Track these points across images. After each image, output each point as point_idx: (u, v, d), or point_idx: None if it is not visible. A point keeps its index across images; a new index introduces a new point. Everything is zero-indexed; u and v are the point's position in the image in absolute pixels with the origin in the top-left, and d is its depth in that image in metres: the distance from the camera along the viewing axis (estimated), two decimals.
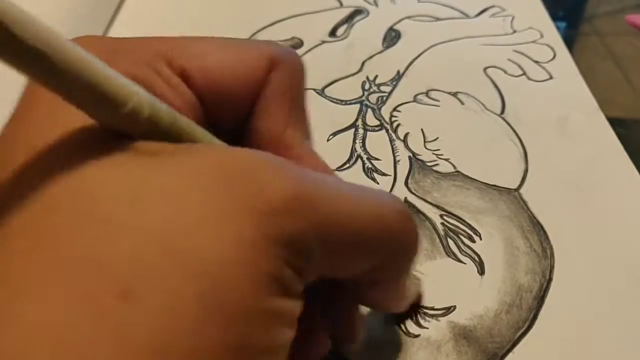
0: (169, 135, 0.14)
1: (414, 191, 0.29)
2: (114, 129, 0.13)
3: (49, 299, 0.11)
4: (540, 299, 0.24)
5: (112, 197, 0.12)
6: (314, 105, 0.34)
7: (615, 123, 0.33)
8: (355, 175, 0.30)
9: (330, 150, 0.31)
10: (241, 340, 0.12)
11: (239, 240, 0.12)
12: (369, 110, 0.34)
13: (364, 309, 0.20)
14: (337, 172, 0.30)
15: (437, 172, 0.30)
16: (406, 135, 0.32)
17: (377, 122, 0.33)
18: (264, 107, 0.17)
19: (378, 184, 0.29)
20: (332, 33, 0.40)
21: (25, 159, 0.13)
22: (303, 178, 0.13)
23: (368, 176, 0.30)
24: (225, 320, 0.12)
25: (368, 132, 0.32)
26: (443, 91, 0.35)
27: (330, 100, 0.35)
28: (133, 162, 0.13)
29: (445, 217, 0.27)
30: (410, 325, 0.23)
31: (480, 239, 0.26)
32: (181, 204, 0.12)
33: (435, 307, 0.24)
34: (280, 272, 0.12)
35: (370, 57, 0.38)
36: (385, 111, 0.34)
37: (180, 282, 0.11)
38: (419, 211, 0.28)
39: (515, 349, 0.23)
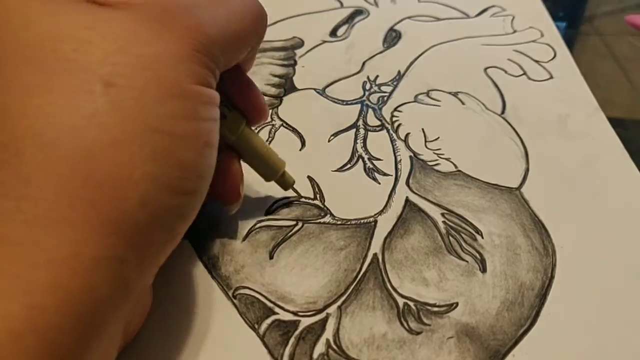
0: None
1: (415, 190, 0.29)
2: None
3: (54, 90, 0.16)
4: (542, 296, 0.24)
5: (71, 24, 0.17)
6: (315, 106, 0.34)
7: (615, 123, 0.33)
8: (356, 176, 0.30)
9: (332, 150, 0.31)
10: (188, 108, 0.18)
11: (179, 50, 0.18)
12: (370, 111, 0.34)
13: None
14: (338, 172, 0.30)
15: (438, 171, 0.30)
16: (407, 135, 0.32)
17: (378, 122, 0.33)
18: None
19: (379, 183, 0.29)
20: (333, 33, 0.41)
21: None
22: (209, 16, 0.20)
23: (369, 176, 0.30)
24: (178, 94, 0.18)
25: (369, 132, 0.33)
26: (444, 91, 0.35)
27: (331, 101, 0.35)
28: (90, 7, 0.18)
29: (446, 216, 0.27)
30: (412, 323, 0.23)
31: (482, 238, 0.27)
32: (132, 27, 0.18)
33: (438, 305, 0.24)
34: (201, 69, 0.19)
35: (371, 57, 0.38)
36: (386, 111, 0.34)
37: (142, 72, 0.17)
38: (420, 210, 0.28)
39: (518, 347, 0.23)
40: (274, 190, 0.28)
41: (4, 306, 0.14)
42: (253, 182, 0.28)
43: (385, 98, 0.35)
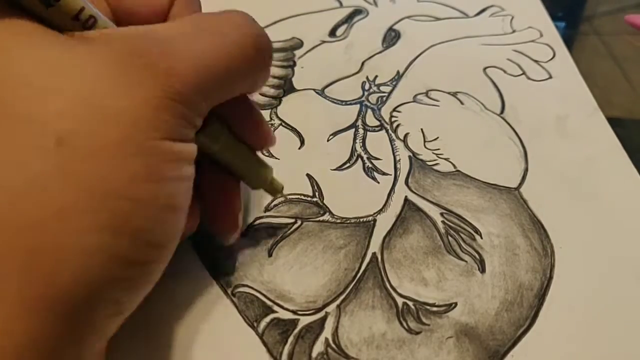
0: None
1: (414, 190, 0.29)
2: None
3: (10, 144, 0.15)
4: (541, 296, 0.24)
5: (34, 67, 0.15)
6: (314, 106, 0.34)
7: (614, 123, 0.33)
8: (355, 175, 0.30)
9: (331, 150, 0.31)
10: (150, 168, 0.16)
11: (147, 99, 0.16)
12: (369, 111, 0.34)
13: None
14: (337, 171, 0.30)
15: (437, 171, 0.30)
16: (406, 135, 0.32)
17: (377, 122, 0.33)
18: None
19: (378, 183, 0.29)
20: (332, 33, 0.41)
21: None
22: (186, 54, 0.17)
23: (368, 175, 0.30)
24: (139, 152, 0.16)
25: (368, 132, 0.32)
26: (443, 91, 0.35)
27: (330, 101, 0.35)
28: (54, 43, 0.16)
29: (445, 216, 0.27)
30: (411, 322, 0.23)
31: (481, 238, 0.27)
32: (98, 71, 0.16)
33: (437, 305, 0.24)
34: (173, 120, 0.17)
35: (370, 57, 0.38)
36: (385, 111, 0.34)
37: (101, 128, 0.15)
38: (419, 209, 0.28)
39: (517, 347, 0.23)
40: None
41: None
42: None
43: (384, 98, 0.35)
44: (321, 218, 0.27)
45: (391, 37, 0.40)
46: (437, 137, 0.32)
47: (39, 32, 0.16)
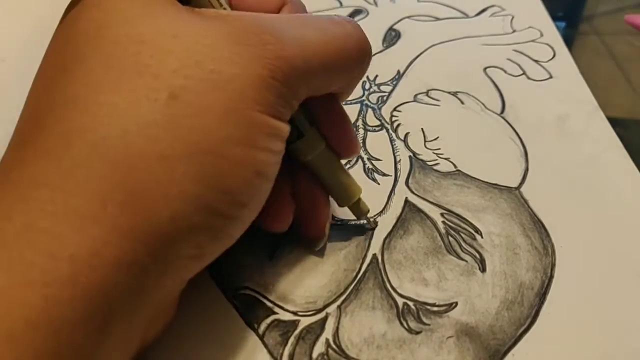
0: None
1: (414, 190, 0.29)
2: None
3: (121, 91, 0.16)
4: (542, 296, 0.24)
5: (149, 28, 0.17)
6: None
7: (615, 122, 0.33)
8: (356, 176, 0.30)
9: None
10: (248, 135, 0.18)
11: (255, 73, 0.18)
12: (369, 110, 0.34)
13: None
14: None
15: (437, 171, 0.30)
16: (406, 135, 0.32)
17: (378, 122, 0.33)
18: None
19: (379, 184, 0.29)
20: None
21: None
22: (295, 40, 0.19)
23: (369, 176, 0.30)
24: (241, 119, 0.17)
25: (368, 132, 0.33)
26: (443, 91, 0.35)
27: None
28: (172, 11, 0.18)
29: (446, 216, 0.27)
30: (412, 322, 0.23)
31: (482, 237, 0.27)
32: (213, 42, 0.17)
33: (437, 304, 0.24)
34: (273, 98, 0.18)
35: None
36: (386, 111, 0.34)
37: (211, 90, 0.17)
38: (420, 210, 0.28)
39: (517, 346, 0.23)
40: None
41: (23, 294, 0.14)
42: None
43: (385, 98, 0.35)
44: None
45: (391, 36, 0.40)
46: (438, 137, 0.32)
47: (159, 2, 0.18)
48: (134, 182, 0.16)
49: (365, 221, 0.27)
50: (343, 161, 0.25)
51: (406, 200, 0.28)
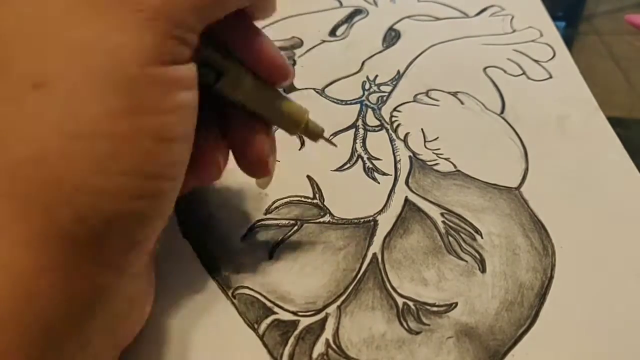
0: None
1: (414, 190, 0.29)
2: None
3: None
4: (542, 296, 0.24)
5: (4, 15, 0.15)
6: (314, 106, 0.34)
7: (615, 122, 0.33)
8: (356, 175, 0.30)
9: (331, 150, 0.31)
10: (133, 100, 0.15)
11: (120, 23, 0.15)
12: (369, 110, 0.34)
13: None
14: (337, 172, 0.30)
15: (437, 171, 0.30)
16: (406, 135, 0.32)
17: (378, 122, 0.33)
18: None
19: (379, 183, 0.29)
20: (332, 33, 0.41)
21: None
22: None
23: (369, 176, 0.30)
24: (119, 84, 0.15)
25: (368, 132, 0.32)
26: (443, 91, 0.35)
27: (331, 100, 0.35)
28: None
29: (446, 216, 0.27)
30: (411, 322, 0.23)
31: (482, 237, 0.27)
32: (63, 6, 0.15)
33: (437, 304, 0.24)
34: (160, 40, 0.15)
35: (370, 57, 0.38)
36: (386, 111, 0.34)
37: (75, 64, 0.15)
38: (420, 209, 0.28)
39: (517, 346, 0.23)
40: (273, 190, 0.28)
41: None
42: (252, 183, 0.28)
43: (385, 98, 0.35)
44: (321, 220, 0.27)
45: (391, 36, 0.40)
46: (437, 137, 0.32)
47: None
48: (22, 191, 0.14)
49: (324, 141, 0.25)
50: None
51: (406, 199, 0.28)
